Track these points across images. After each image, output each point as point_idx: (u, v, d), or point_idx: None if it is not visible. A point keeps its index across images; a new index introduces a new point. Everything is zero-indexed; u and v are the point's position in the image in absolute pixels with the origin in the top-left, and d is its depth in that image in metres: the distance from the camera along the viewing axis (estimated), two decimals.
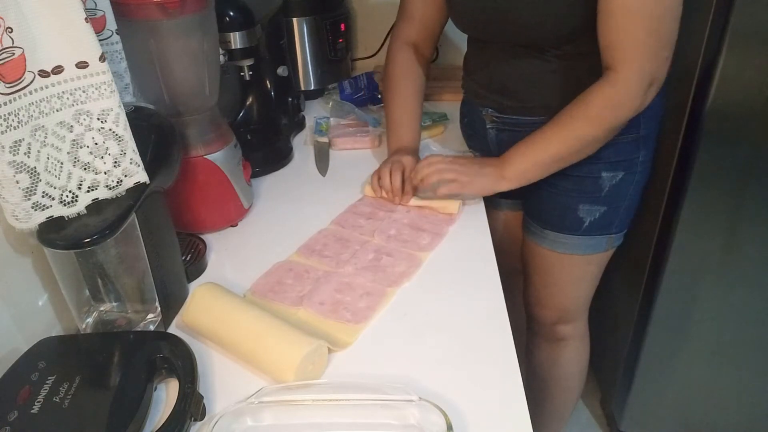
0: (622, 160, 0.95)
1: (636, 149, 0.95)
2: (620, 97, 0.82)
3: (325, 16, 1.24)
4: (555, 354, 1.22)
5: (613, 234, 1.02)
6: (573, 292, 1.12)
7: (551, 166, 0.89)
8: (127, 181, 0.63)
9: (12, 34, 0.52)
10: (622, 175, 0.96)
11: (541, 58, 0.90)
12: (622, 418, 1.45)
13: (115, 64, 0.75)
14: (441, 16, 1.05)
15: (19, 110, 0.55)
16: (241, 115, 1.13)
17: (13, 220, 0.59)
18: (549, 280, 1.11)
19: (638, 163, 0.96)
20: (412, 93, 1.08)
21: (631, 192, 0.98)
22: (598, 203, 0.98)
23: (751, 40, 0.94)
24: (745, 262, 1.15)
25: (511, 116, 0.99)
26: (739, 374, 1.30)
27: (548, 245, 1.05)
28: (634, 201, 1.01)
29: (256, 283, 0.79)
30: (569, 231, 1.02)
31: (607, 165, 0.94)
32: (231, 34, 1.01)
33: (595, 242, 1.02)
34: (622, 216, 1.01)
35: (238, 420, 0.57)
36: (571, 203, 0.99)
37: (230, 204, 0.90)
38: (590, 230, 1.00)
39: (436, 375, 0.64)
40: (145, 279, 0.69)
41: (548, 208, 1.03)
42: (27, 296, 0.68)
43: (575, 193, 0.98)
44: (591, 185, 0.96)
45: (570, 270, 1.08)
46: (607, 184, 0.96)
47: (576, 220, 0.99)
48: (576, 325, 1.18)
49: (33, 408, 0.54)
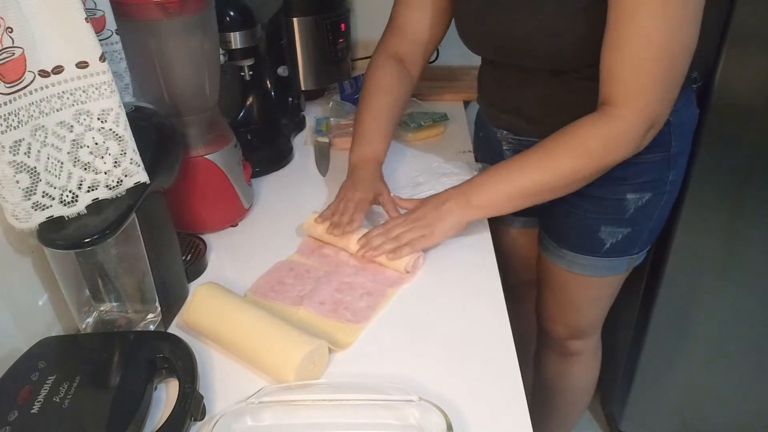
0: (649, 180, 0.86)
1: (665, 169, 0.87)
2: (618, 139, 0.74)
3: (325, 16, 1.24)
4: (564, 368, 1.18)
5: (634, 255, 0.95)
6: (588, 312, 1.06)
7: (526, 200, 0.79)
8: (127, 181, 0.63)
9: (12, 34, 0.52)
10: (649, 197, 0.87)
11: (558, 79, 0.82)
12: (622, 418, 1.45)
13: (114, 64, 0.76)
14: (436, 33, 0.96)
15: (19, 110, 0.55)
16: (241, 115, 1.13)
17: (13, 220, 0.59)
18: (563, 298, 1.05)
19: (667, 182, 0.88)
20: (388, 108, 0.96)
21: (657, 214, 0.91)
22: (622, 225, 0.90)
23: (751, 40, 0.94)
24: (745, 262, 1.15)
25: (527, 138, 0.92)
26: (739, 374, 1.30)
27: (565, 265, 0.98)
28: (660, 222, 0.93)
29: (257, 282, 0.79)
30: (588, 252, 0.94)
31: (633, 186, 0.86)
32: (231, 34, 1.01)
33: (616, 264, 0.96)
34: (646, 237, 0.94)
35: (238, 420, 0.57)
36: (592, 225, 0.91)
37: (230, 204, 0.90)
38: (611, 252, 0.93)
39: (436, 375, 0.64)
40: (145, 279, 0.69)
41: (566, 228, 0.95)
42: (27, 296, 0.68)
43: (597, 215, 0.90)
44: (614, 207, 0.88)
45: (586, 291, 1.02)
46: (632, 206, 0.88)
47: (596, 241, 0.92)
48: (588, 341, 1.13)
49: (33, 408, 0.54)
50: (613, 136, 0.74)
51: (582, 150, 0.75)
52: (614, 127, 0.73)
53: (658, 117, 0.73)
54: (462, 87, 1.43)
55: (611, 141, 0.74)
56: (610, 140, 0.74)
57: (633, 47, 0.69)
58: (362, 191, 0.88)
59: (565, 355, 1.16)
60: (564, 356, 1.16)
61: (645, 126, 0.73)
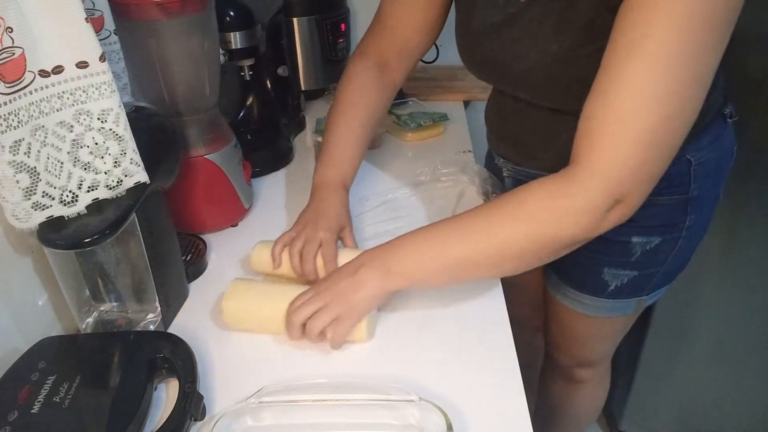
0: (660, 225, 0.76)
1: (681, 213, 0.75)
2: (567, 207, 0.57)
3: (326, 16, 1.24)
4: (569, 392, 1.14)
5: (645, 296, 0.86)
6: (594, 347, 1.00)
7: (461, 272, 0.64)
8: (127, 181, 0.63)
9: (12, 33, 0.52)
10: (658, 241, 0.77)
11: (558, 117, 0.73)
12: (622, 418, 1.45)
13: (113, 64, 0.76)
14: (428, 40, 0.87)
15: (19, 110, 0.55)
16: (241, 115, 1.13)
17: (13, 220, 0.59)
18: (568, 334, 0.99)
19: (683, 228, 0.77)
20: (361, 124, 0.85)
21: (672, 257, 0.80)
22: (627, 268, 0.81)
23: (751, 40, 0.94)
24: (745, 262, 1.15)
25: (526, 169, 0.86)
26: (738, 374, 1.30)
27: (568, 302, 0.91)
28: (677, 263, 0.83)
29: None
30: (591, 293, 0.86)
31: (641, 229, 0.76)
32: (231, 34, 1.01)
33: (622, 306, 0.87)
34: (658, 280, 0.84)
35: (238, 420, 0.57)
36: (593, 265, 0.83)
37: (230, 204, 0.90)
38: (616, 294, 0.85)
39: (436, 375, 0.64)
40: (145, 279, 0.69)
41: (569, 264, 0.85)
42: (27, 296, 0.68)
43: (599, 255, 0.81)
44: (618, 249, 0.79)
45: (591, 329, 0.95)
46: (638, 249, 0.78)
47: (600, 282, 0.84)
48: (596, 369, 1.08)
49: (33, 408, 0.54)
50: (562, 198, 0.58)
51: (522, 215, 0.60)
52: (566, 191, 0.58)
53: (629, 195, 0.57)
54: (462, 87, 1.43)
55: (559, 209, 0.58)
56: (555, 201, 0.58)
57: (618, 96, 0.54)
58: (324, 229, 0.75)
59: (571, 382, 1.11)
60: (570, 382, 1.12)
61: (606, 200, 0.57)
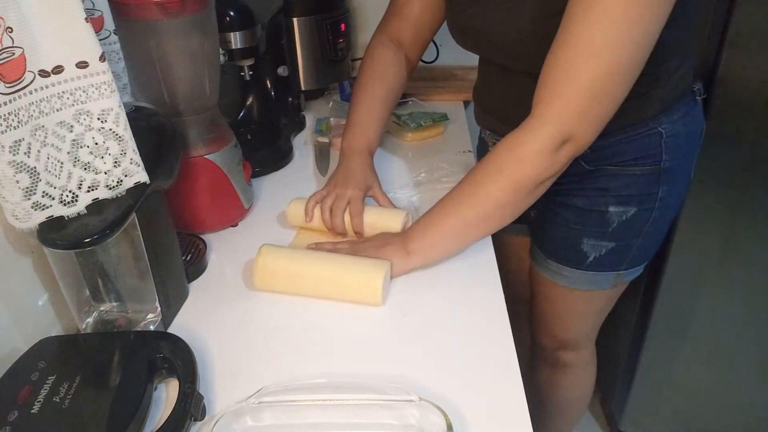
0: (635, 194, 0.82)
1: (654, 183, 0.81)
2: (522, 149, 0.67)
3: (326, 16, 1.24)
4: (555, 379, 1.16)
5: (622, 270, 0.91)
6: (575, 326, 1.04)
7: (461, 238, 0.75)
8: (127, 181, 0.63)
9: (12, 33, 0.52)
10: (634, 211, 0.83)
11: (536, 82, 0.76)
12: (622, 418, 1.45)
13: (113, 64, 0.76)
14: (438, 16, 0.94)
15: (19, 110, 0.55)
16: (241, 115, 1.13)
17: (13, 220, 0.59)
18: (550, 311, 1.03)
19: (657, 199, 0.82)
20: (383, 96, 0.95)
21: (647, 229, 0.85)
22: (605, 239, 0.86)
23: (751, 40, 0.94)
24: (745, 262, 1.15)
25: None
26: (738, 374, 1.31)
27: (550, 276, 0.96)
28: (652, 238, 0.88)
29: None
30: (571, 264, 0.91)
31: (617, 199, 0.82)
32: (231, 34, 1.01)
33: (601, 278, 0.92)
34: (636, 253, 0.88)
35: (238, 420, 0.57)
36: (573, 236, 0.88)
37: (230, 204, 0.90)
38: (595, 266, 0.89)
39: (436, 375, 0.64)
40: (145, 279, 0.69)
41: (551, 238, 0.93)
42: (27, 296, 0.68)
43: (579, 226, 0.87)
44: (596, 219, 0.84)
45: (573, 304, 0.99)
46: (615, 219, 0.83)
47: (579, 253, 0.89)
48: (579, 353, 1.11)
49: (33, 408, 0.54)
50: (517, 146, 0.67)
51: (496, 167, 0.69)
52: (522, 139, 0.67)
53: (575, 134, 0.65)
54: (462, 87, 1.44)
55: (515, 151, 0.67)
56: (513, 150, 0.67)
57: (569, 49, 0.62)
58: (353, 188, 0.86)
59: (554, 366, 1.14)
60: (554, 367, 1.14)
61: (555, 140, 0.64)
